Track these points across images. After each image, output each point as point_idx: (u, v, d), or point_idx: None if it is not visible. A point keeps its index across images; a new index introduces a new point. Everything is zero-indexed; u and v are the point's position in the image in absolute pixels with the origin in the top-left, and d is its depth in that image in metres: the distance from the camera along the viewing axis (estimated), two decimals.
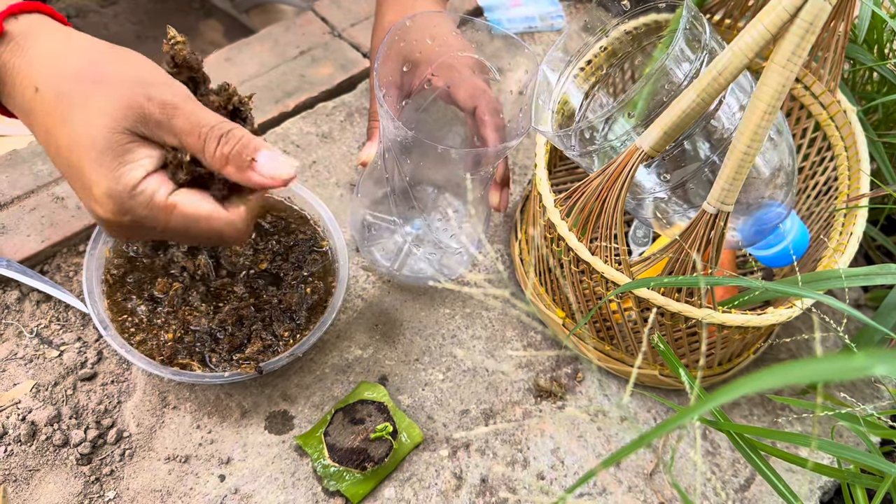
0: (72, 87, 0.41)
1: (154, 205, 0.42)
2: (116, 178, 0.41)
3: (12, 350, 0.62)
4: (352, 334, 0.66)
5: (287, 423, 0.61)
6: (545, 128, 0.56)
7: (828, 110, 0.70)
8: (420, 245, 0.65)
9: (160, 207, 0.43)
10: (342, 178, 0.76)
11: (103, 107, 0.41)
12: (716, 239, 0.49)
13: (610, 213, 0.52)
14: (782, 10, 0.43)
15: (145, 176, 0.42)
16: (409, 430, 0.60)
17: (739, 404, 0.68)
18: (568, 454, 0.62)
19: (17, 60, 0.43)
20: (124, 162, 0.41)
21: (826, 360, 0.26)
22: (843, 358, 0.24)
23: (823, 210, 0.70)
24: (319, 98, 0.80)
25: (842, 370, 0.24)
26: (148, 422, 0.60)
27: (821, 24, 0.44)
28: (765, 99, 0.45)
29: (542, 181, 0.60)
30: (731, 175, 0.47)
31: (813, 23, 0.43)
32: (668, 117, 0.47)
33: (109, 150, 0.41)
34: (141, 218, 0.43)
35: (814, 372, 0.26)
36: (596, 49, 0.65)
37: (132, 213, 0.42)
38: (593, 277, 0.58)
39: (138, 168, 0.42)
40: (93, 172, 0.41)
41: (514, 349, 0.67)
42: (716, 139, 0.53)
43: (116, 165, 0.41)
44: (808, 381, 0.25)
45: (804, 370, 0.26)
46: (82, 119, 0.41)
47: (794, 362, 0.26)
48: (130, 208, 0.42)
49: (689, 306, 0.54)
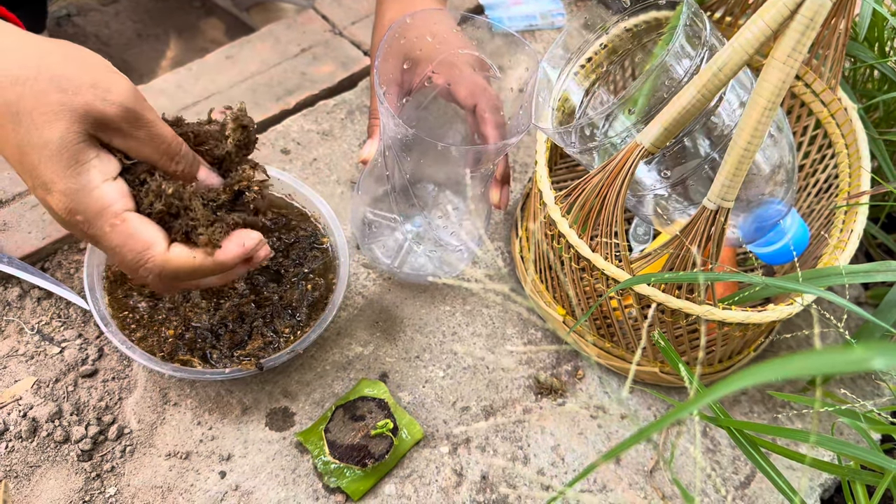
0: (22, 92, 0.41)
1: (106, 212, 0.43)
2: (71, 176, 0.41)
3: (13, 347, 0.62)
4: (352, 331, 0.66)
5: (288, 420, 0.61)
6: (545, 125, 0.56)
7: (828, 108, 0.70)
8: (420, 242, 0.65)
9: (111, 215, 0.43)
10: (343, 176, 0.76)
11: (56, 111, 0.40)
12: (716, 235, 0.49)
13: (610, 210, 0.52)
14: (783, 6, 0.43)
15: (103, 181, 0.42)
16: (409, 426, 0.60)
17: (739, 401, 0.68)
18: (568, 451, 0.62)
19: None
20: (79, 161, 0.41)
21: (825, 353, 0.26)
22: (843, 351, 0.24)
23: (824, 208, 0.70)
24: (320, 96, 0.80)
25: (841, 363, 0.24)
26: (149, 418, 0.60)
27: (821, 20, 0.44)
28: (765, 95, 0.45)
29: (543, 178, 0.60)
30: (731, 171, 0.47)
31: (813, 19, 0.43)
32: (668, 114, 0.47)
33: (65, 149, 0.41)
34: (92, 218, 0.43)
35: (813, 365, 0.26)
36: (596, 46, 0.65)
37: (85, 213, 0.43)
38: (594, 274, 0.58)
39: (94, 171, 0.42)
40: (49, 172, 0.41)
41: (514, 346, 0.67)
42: (716, 136, 0.53)
43: (72, 163, 0.41)
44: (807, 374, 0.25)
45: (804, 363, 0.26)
46: (36, 125, 0.41)
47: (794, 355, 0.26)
48: (84, 207, 0.42)
49: (689, 303, 0.54)
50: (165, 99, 0.76)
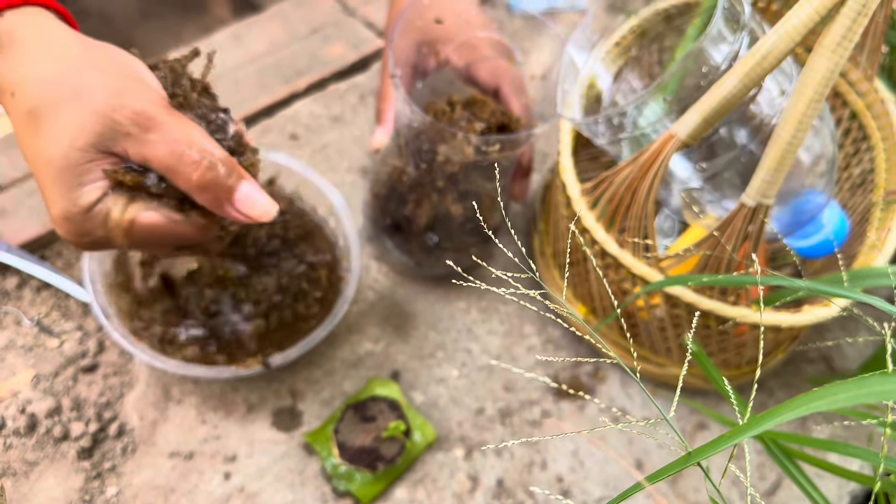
0: (41, 101, 0.38)
1: (111, 225, 0.40)
2: (72, 200, 0.39)
3: (11, 339, 0.60)
4: (363, 327, 0.64)
5: (295, 420, 0.58)
6: (572, 114, 0.53)
7: (864, 99, 0.67)
8: None
9: (115, 224, 0.40)
10: (354, 163, 0.73)
11: (67, 124, 0.38)
12: (755, 234, 0.46)
13: (641, 205, 0.49)
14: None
15: (102, 196, 0.39)
16: (422, 428, 0.57)
17: (766, 405, 0.65)
18: (588, 456, 0.59)
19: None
20: (82, 183, 0.39)
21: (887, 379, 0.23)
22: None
23: (858, 204, 0.67)
24: (331, 79, 0.77)
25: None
26: (151, 415, 0.57)
27: (874, 5, 0.40)
28: (811, 86, 0.41)
29: (567, 170, 0.57)
30: (773, 166, 0.44)
31: (866, 5, 0.40)
32: (707, 103, 0.44)
33: (68, 170, 0.38)
34: (100, 238, 0.41)
35: (881, 391, 0.23)
36: (625, 30, 0.62)
37: (91, 234, 0.40)
38: (619, 272, 0.55)
39: (95, 190, 0.39)
40: (50, 192, 0.39)
41: (532, 345, 0.65)
42: (754, 125, 0.50)
43: (74, 186, 0.38)
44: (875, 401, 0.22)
45: (869, 388, 0.23)
46: (47, 135, 0.38)
47: (859, 379, 0.24)
48: (88, 230, 0.40)
49: (721, 304, 0.51)
50: None
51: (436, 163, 0.55)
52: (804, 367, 0.68)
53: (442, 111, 0.57)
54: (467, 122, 0.55)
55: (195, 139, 0.39)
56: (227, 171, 0.40)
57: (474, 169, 0.56)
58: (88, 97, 0.38)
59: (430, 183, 0.58)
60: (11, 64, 0.39)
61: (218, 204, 0.40)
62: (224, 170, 0.40)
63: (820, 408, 0.20)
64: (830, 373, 0.69)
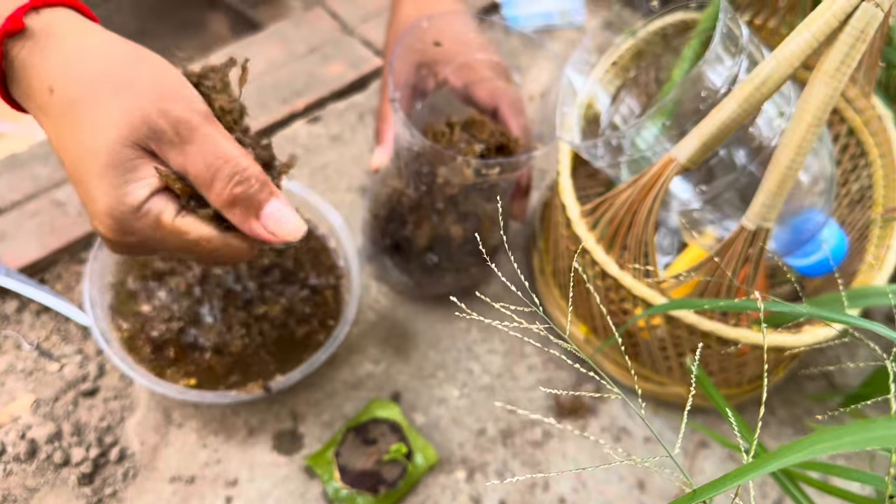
0: (84, 93, 0.38)
1: (161, 226, 0.39)
2: (119, 197, 0.38)
3: (11, 363, 0.59)
4: (363, 348, 0.63)
5: (296, 443, 0.58)
6: (571, 137, 0.53)
7: (862, 115, 0.67)
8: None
9: (168, 230, 0.39)
10: (353, 183, 0.73)
11: (113, 118, 0.37)
12: (755, 257, 0.46)
13: (641, 228, 0.49)
14: (831, 16, 0.40)
15: (150, 195, 0.39)
16: (423, 450, 0.57)
17: (768, 424, 0.65)
18: (590, 476, 0.59)
19: (34, 59, 0.40)
20: (129, 180, 0.38)
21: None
22: None
23: (857, 220, 0.67)
24: (330, 98, 0.77)
25: None
26: (151, 440, 0.57)
27: (872, 31, 0.41)
28: (810, 111, 0.42)
29: (566, 190, 0.57)
30: (772, 190, 0.44)
31: (864, 31, 0.40)
32: (706, 128, 0.44)
33: (113, 166, 0.37)
34: (147, 238, 0.40)
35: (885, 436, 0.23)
36: (622, 49, 0.62)
37: (138, 234, 0.39)
38: (620, 292, 0.55)
39: (144, 187, 0.38)
40: (95, 188, 0.38)
41: (532, 364, 0.65)
42: (753, 148, 0.50)
43: (121, 183, 0.38)
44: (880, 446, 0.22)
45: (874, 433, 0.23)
46: (90, 128, 0.38)
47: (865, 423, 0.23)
48: (136, 229, 0.39)
49: (722, 326, 0.51)
50: None
51: (435, 185, 0.55)
52: (805, 383, 0.68)
53: (441, 132, 0.57)
54: (466, 143, 0.55)
55: (232, 154, 0.38)
56: (259, 186, 0.39)
57: (474, 190, 0.56)
58: (134, 95, 0.37)
59: (429, 204, 0.58)
60: (49, 60, 0.38)
61: (245, 220, 0.40)
62: (257, 185, 0.39)
63: (826, 450, 0.20)
64: (831, 389, 0.69)
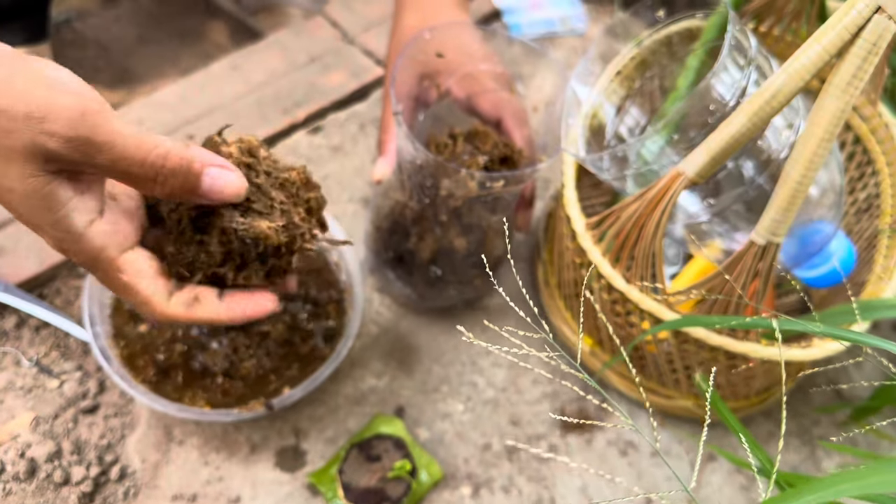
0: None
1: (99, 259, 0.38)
2: (54, 225, 0.36)
3: (10, 380, 0.59)
4: (366, 362, 0.63)
5: (299, 459, 0.57)
6: (577, 149, 0.53)
7: (868, 123, 0.66)
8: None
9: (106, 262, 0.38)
10: (355, 194, 0.72)
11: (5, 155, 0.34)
12: (764, 272, 0.46)
13: (648, 242, 0.48)
14: (843, 29, 0.39)
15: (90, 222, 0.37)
16: (428, 467, 0.57)
17: (775, 435, 0.64)
18: (597, 492, 0.59)
19: None
20: (55, 208, 0.35)
21: None
22: None
23: (864, 229, 0.66)
24: (330, 108, 0.76)
25: None
26: (153, 457, 0.56)
27: (885, 44, 0.40)
28: (822, 125, 0.41)
29: (572, 203, 0.56)
30: (783, 206, 0.43)
31: (876, 44, 0.39)
32: (714, 142, 0.43)
33: (33, 196, 0.35)
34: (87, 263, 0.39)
35: None
36: (626, 58, 0.62)
37: (80, 258, 0.38)
38: (626, 306, 0.54)
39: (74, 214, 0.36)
40: (28, 216, 0.36)
41: (537, 377, 0.64)
42: (762, 160, 0.50)
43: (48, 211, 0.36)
44: None
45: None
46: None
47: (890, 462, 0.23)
48: (77, 253, 0.38)
49: (730, 340, 0.50)
50: (168, 112, 0.72)
51: (439, 197, 0.54)
52: (813, 394, 0.67)
53: (444, 144, 0.56)
54: (470, 155, 0.55)
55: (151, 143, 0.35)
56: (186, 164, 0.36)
57: (478, 202, 0.55)
58: (12, 127, 0.33)
59: (433, 216, 0.57)
60: None
61: (191, 190, 0.37)
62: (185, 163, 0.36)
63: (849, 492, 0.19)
64: (839, 400, 0.68)
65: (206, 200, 0.38)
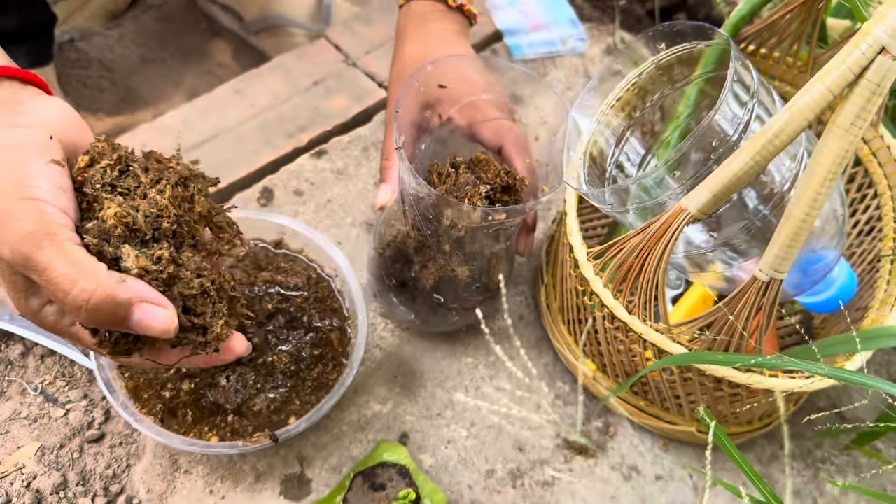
0: None
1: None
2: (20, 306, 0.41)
3: (16, 409, 0.59)
4: (370, 388, 0.63)
5: (304, 488, 0.58)
6: (578, 182, 0.53)
7: (870, 145, 0.67)
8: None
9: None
10: (358, 217, 0.72)
11: None
12: (767, 307, 0.46)
13: (651, 275, 0.49)
14: (846, 69, 0.40)
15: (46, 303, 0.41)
16: (432, 495, 0.57)
17: (778, 457, 0.65)
18: None
19: None
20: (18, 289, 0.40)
21: None
22: None
23: (866, 252, 0.67)
24: (334, 132, 0.77)
25: None
26: (158, 487, 0.57)
27: (888, 84, 0.40)
28: (825, 164, 0.41)
29: (573, 231, 0.56)
30: (786, 242, 0.43)
31: (880, 84, 0.40)
32: (717, 179, 0.44)
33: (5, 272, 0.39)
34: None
35: None
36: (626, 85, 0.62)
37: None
38: (629, 335, 0.54)
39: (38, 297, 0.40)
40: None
41: (541, 402, 0.64)
42: (765, 193, 0.50)
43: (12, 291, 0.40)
44: None
45: None
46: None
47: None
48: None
49: (733, 371, 0.51)
50: (172, 137, 0.72)
51: (441, 227, 0.54)
52: (814, 417, 0.67)
53: (446, 173, 0.56)
54: (472, 185, 0.55)
55: (70, 282, 0.35)
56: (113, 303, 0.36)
57: (480, 231, 0.56)
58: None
59: (435, 245, 0.57)
60: None
61: (118, 325, 0.38)
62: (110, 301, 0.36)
63: None
64: (840, 422, 0.68)
65: (136, 332, 0.38)
